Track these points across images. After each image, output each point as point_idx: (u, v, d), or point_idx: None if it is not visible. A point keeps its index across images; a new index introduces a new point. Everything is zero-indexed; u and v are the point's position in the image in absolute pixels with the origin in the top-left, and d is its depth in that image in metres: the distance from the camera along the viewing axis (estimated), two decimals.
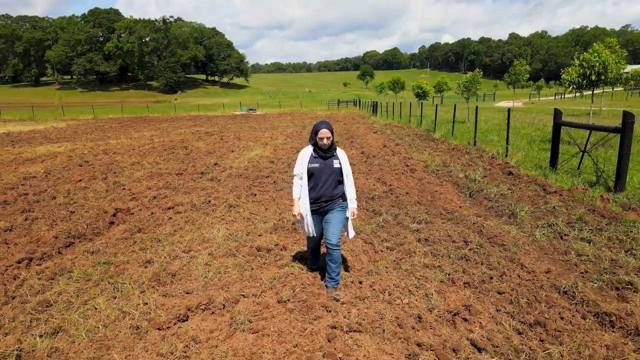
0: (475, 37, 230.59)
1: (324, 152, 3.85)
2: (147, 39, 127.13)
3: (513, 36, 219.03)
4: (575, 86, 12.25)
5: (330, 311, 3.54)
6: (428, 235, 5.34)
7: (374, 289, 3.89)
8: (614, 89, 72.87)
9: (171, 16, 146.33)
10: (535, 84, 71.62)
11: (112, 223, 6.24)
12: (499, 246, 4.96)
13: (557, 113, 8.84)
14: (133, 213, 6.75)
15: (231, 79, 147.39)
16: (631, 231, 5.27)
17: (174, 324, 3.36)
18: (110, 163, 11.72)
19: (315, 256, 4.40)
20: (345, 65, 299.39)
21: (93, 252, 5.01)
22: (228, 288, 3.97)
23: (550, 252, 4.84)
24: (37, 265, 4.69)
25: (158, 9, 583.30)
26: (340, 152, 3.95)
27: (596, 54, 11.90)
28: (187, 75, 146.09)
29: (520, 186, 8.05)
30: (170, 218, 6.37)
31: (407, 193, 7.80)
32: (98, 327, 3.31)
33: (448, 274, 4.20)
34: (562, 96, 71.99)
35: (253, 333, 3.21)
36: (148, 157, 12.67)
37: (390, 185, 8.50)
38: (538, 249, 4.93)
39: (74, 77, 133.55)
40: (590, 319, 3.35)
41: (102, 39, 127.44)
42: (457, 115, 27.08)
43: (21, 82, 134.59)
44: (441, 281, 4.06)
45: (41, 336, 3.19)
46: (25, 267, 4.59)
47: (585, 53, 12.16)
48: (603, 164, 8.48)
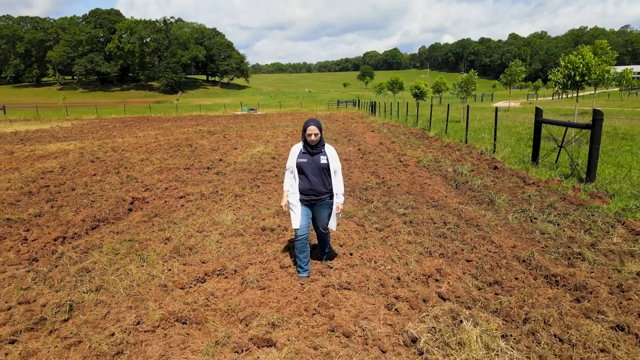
0: (476, 38, 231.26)
1: (312, 148, 4.05)
2: (148, 40, 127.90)
3: (513, 36, 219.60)
4: (560, 86, 12.94)
5: (324, 275, 4.23)
6: (413, 218, 6.03)
7: (362, 259, 4.57)
8: (609, 90, 73.54)
9: (172, 17, 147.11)
10: (532, 84, 72.24)
11: (131, 210, 6.93)
12: (474, 227, 5.65)
13: (538, 111, 9.52)
14: (148, 202, 7.44)
15: (231, 80, 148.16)
16: (593, 215, 5.95)
17: (194, 284, 4.05)
18: (120, 159, 12.41)
19: (302, 254, 4.13)
20: (345, 65, 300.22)
21: (118, 232, 5.70)
22: (238, 259, 4.65)
23: (518, 232, 5.53)
24: (70, 243, 5.37)
25: (158, 9, 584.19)
26: (328, 149, 4.14)
27: (580, 56, 12.58)
28: (188, 75, 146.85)
29: (502, 179, 8.74)
30: (182, 205, 7.06)
31: (398, 185, 8.49)
32: (132, 286, 4.00)
33: (426, 248, 4.88)
34: (560, 96, 72.65)
35: (260, 289, 3.90)
36: (156, 154, 13.36)
37: (383, 178, 9.18)
38: (508, 229, 5.62)
39: (75, 78, 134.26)
40: (540, 280, 4.03)
41: (103, 40, 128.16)
42: (454, 115, 27.75)
43: (22, 83, 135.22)
44: (420, 253, 4.74)
45: (86, 292, 3.88)
46: (60, 244, 5.28)
47: (570, 55, 12.85)
48: (578, 158, 9.15)
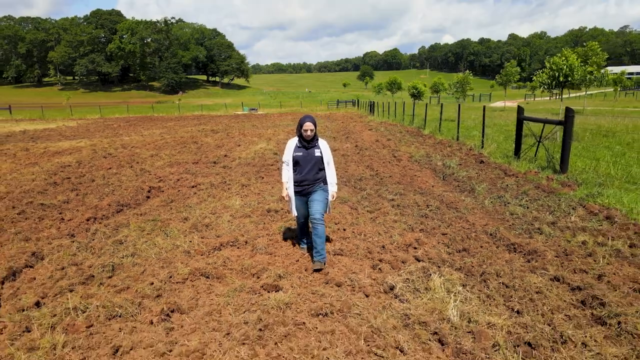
0: (476, 38, 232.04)
1: (307, 143, 4.41)
2: (149, 40, 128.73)
3: (512, 37, 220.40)
4: (545, 87, 13.74)
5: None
6: (400, 202, 6.82)
7: (354, 233, 5.37)
8: (605, 90, 74.25)
9: (172, 17, 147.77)
10: (530, 84, 73.05)
11: (149, 197, 7.73)
12: (453, 209, 6.44)
13: (520, 110, 10.32)
14: (163, 190, 8.24)
15: (232, 80, 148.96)
16: (559, 200, 6.75)
17: (212, 252, 4.84)
18: (131, 155, 13.20)
19: (303, 234, 4.89)
20: (345, 65, 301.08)
21: (141, 214, 6.49)
22: (247, 233, 5.44)
23: (491, 214, 6.32)
24: (100, 222, 6.16)
25: (158, 9, 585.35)
26: (322, 143, 4.51)
27: (564, 58, 13.37)
28: (188, 76, 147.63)
29: (486, 171, 9.53)
30: (195, 193, 7.86)
31: (390, 176, 9.28)
32: (161, 252, 4.79)
33: (409, 225, 5.67)
34: (557, 96, 73.46)
35: (268, 254, 4.69)
36: (164, 150, 14.15)
37: (376, 171, 9.98)
38: (483, 212, 6.41)
39: (76, 78, 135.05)
40: (501, 247, 4.83)
41: (104, 40, 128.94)
42: (450, 114, 28.52)
43: (24, 83, 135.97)
44: (403, 229, 5.53)
45: (123, 257, 4.67)
46: (92, 223, 6.08)
47: (554, 57, 13.65)
48: (554, 152, 9.93)
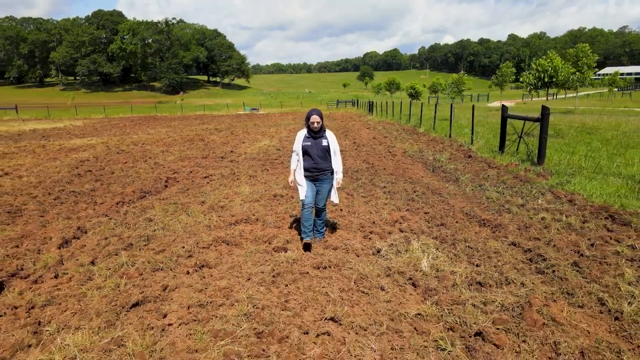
0: (477, 38, 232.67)
1: (315, 134, 4.80)
2: (150, 41, 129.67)
3: (512, 37, 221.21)
4: (532, 87, 14.61)
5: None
6: (391, 189, 7.71)
7: (349, 212, 6.25)
8: (600, 90, 75.07)
9: (173, 18, 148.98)
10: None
11: (166, 186, 8.61)
12: (437, 194, 7.33)
13: (504, 108, 11.20)
14: (178, 181, 9.12)
15: (232, 80, 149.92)
16: (532, 187, 7.63)
17: (229, 226, 5.72)
18: (143, 151, 14.08)
19: (307, 220, 4.85)
20: (345, 66, 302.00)
21: (162, 199, 7.37)
22: (258, 213, 6.32)
23: (470, 198, 7.21)
24: (128, 205, 7.05)
25: (159, 9, 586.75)
26: (329, 134, 4.90)
27: (549, 60, 14.24)
28: (189, 76, 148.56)
29: (472, 164, 10.41)
30: (208, 183, 8.74)
31: (384, 169, 10.17)
32: (186, 226, 5.68)
33: (397, 206, 6.56)
34: (555, 97, 74.35)
35: (277, 228, 5.58)
36: (173, 147, 15.04)
37: (372, 164, 10.86)
38: (463, 196, 7.30)
39: (78, 78, 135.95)
40: (473, 223, 5.71)
41: (106, 41, 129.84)
42: (446, 113, 29.36)
43: (26, 83, 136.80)
44: (392, 209, 6.41)
45: (154, 230, 5.55)
46: (121, 206, 6.96)
47: (540, 59, 14.53)
48: (534, 147, 10.81)
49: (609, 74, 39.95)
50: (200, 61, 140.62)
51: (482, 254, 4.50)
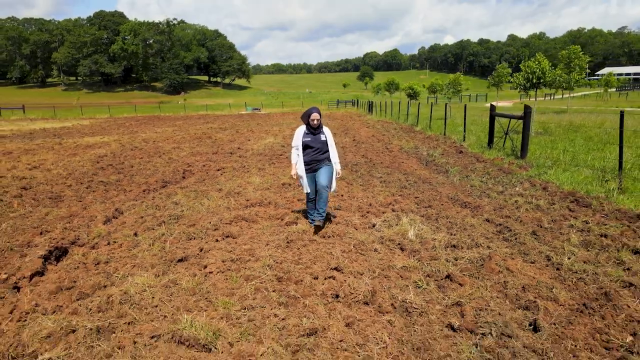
0: (478, 38, 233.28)
1: (314, 130, 5.24)
2: (151, 41, 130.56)
3: (511, 37, 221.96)
4: (521, 88, 15.53)
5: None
6: (386, 179, 8.63)
7: (349, 197, 7.17)
8: (595, 91, 75.86)
9: (174, 18, 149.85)
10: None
11: (184, 177, 9.53)
12: (427, 183, 8.25)
13: (492, 107, 12.12)
14: (194, 173, 10.04)
15: (233, 80, 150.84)
16: (512, 177, 8.54)
17: (246, 208, 6.63)
18: (156, 148, 15.00)
19: (312, 210, 5.50)
20: (345, 66, 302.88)
21: (183, 188, 8.29)
22: (270, 198, 7.23)
23: (457, 186, 8.12)
24: (153, 192, 7.96)
25: (159, 9, 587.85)
26: (326, 129, 5.36)
27: (537, 62, 15.16)
28: (190, 76, 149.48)
29: (462, 159, 11.33)
30: (221, 174, 9.66)
31: (381, 162, 11.08)
32: (209, 208, 6.59)
33: (391, 192, 7.47)
34: (552, 97, 75.24)
35: (287, 209, 6.49)
36: (184, 144, 15.96)
37: (370, 158, 11.77)
38: (451, 185, 8.21)
39: (79, 79, 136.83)
40: (456, 205, 6.62)
41: (107, 41, 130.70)
42: (442, 113, 30.27)
43: (27, 84, 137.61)
44: (386, 195, 7.33)
45: (182, 211, 6.46)
46: (148, 193, 7.87)
47: (529, 61, 15.44)
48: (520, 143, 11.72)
49: (603, 75, 40.81)
50: (201, 61, 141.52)
51: (460, 227, 5.41)
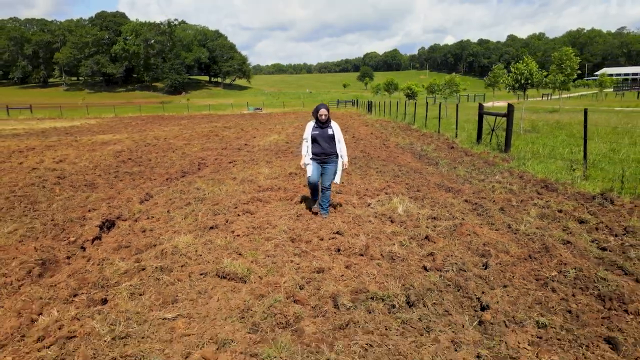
0: (479, 38, 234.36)
1: (322, 124, 5.79)
2: (153, 42, 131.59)
3: (511, 38, 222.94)
4: (510, 88, 16.53)
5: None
6: (382, 170, 9.66)
7: (348, 183, 8.20)
8: (590, 91, 76.77)
9: (175, 19, 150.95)
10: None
11: (199, 168, 10.55)
12: (418, 173, 9.27)
13: (481, 106, 13.14)
14: (208, 165, 11.06)
15: (233, 80, 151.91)
16: (494, 168, 9.57)
17: (259, 192, 7.64)
18: (168, 144, 16.01)
19: (314, 194, 6.27)
20: (345, 66, 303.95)
21: (201, 177, 9.31)
22: (279, 185, 8.25)
23: (444, 176, 9.14)
24: (175, 181, 8.98)
25: (159, 9, 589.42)
26: (334, 124, 5.92)
27: (525, 64, 16.19)
28: (191, 76, 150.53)
29: (453, 153, 12.36)
30: (233, 166, 10.68)
31: (378, 157, 12.10)
32: (227, 192, 7.61)
33: (386, 180, 8.50)
34: (549, 97, 76.29)
35: (294, 193, 7.51)
36: (194, 141, 16.98)
37: (368, 153, 12.79)
38: (439, 174, 9.24)
39: (81, 79, 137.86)
40: (441, 190, 7.64)
41: (109, 42, 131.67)
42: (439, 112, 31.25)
43: (29, 84, 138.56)
44: (381, 182, 8.34)
45: (204, 195, 7.48)
46: (170, 181, 8.89)
47: (517, 64, 16.47)
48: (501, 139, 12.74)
49: (597, 75, 41.81)
50: (202, 62, 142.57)
51: (441, 205, 6.44)
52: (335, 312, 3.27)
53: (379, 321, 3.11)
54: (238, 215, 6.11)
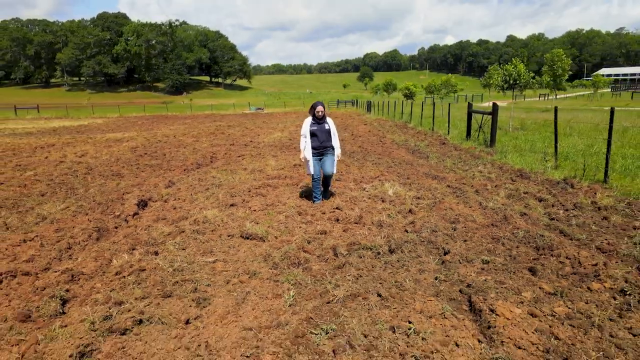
0: (479, 38, 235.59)
1: (319, 120, 6.40)
2: (154, 42, 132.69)
3: (510, 38, 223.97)
4: (500, 88, 17.55)
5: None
6: (377, 162, 10.72)
7: (346, 173, 9.26)
8: (585, 92, 77.91)
9: (176, 20, 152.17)
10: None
11: (212, 161, 11.61)
12: (409, 165, 10.34)
13: (469, 105, 14.20)
14: (219, 158, 12.12)
15: (234, 81, 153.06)
16: (479, 160, 10.62)
17: (268, 180, 8.70)
18: (178, 141, 17.07)
19: (317, 188, 6.67)
20: (345, 66, 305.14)
21: (214, 168, 10.37)
22: (285, 174, 9.31)
23: (433, 167, 10.20)
24: (191, 171, 10.03)
25: (159, 9, 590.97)
26: (329, 120, 6.51)
27: (513, 66, 17.21)
28: (192, 77, 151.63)
29: (443, 148, 13.42)
30: (242, 159, 11.75)
31: (374, 151, 13.17)
32: (240, 179, 8.67)
33: (380, 170, 9.56)
34: (546, 97, 77.38)
35: (300, 180, 8.57)
36: (202, 138, 18.04)
37: (365, 148, 13.86)
38: (428, 166, 10.30)
39: (82, 79, 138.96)
40: (428, 178, 8.70)
41: (111, 42, 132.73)
42: (437, 112, 32.25)
43: (31, 84, 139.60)
44: (375, 172, 9.40)
45: (220, 182, 8.53)
46: (187, 172, 9.95)
47: (507, 65, 17.49)
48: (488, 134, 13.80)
49: (592, 76, 42.86)
50: (202, 62, 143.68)
51: (426, 189, 7.50)
52: (334, 258, 4.34)
53: (367, 262, 4.17)
54: (252, 196, 7.17)
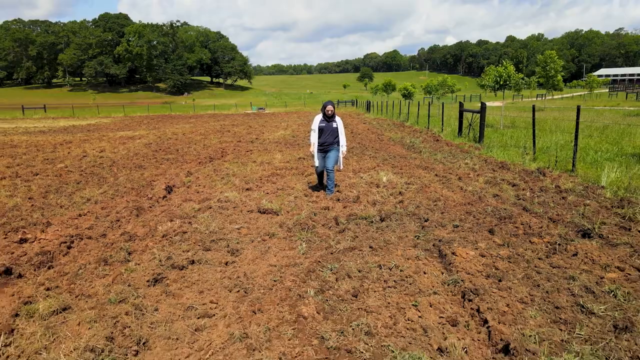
0: (477, 39, 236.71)
1: (328, 118, 7.05)
2: (155, 43, 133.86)
3: (510, 39, 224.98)
4: (491, 89, 18.66)
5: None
6: (374, 156, 11.78)
7: (346, 165, 10.31)
8: (580, 92, 78.60)
9: (178, 20, 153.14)
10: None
11: (222, 155, 12.66)
12: (403, 158, 11.39)
13: (461, 104, 15.25)
14: (229, 153, 13.17)
15: (235, 81, 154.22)
16: (466, 154, 11.67)
17: (276, 170, 9.75)
18: (187, 138, 18.11)
19: (320, 180, 8.00)
20: (345, 67, 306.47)
21: (226, 161, 11.42)
22: (291, 165, 10.35)
23: (425, 160, 11.25)
24: (206, 164, 11.08)
25: (161, 10, 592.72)
26: (338, 119, 7.15)
27: (503, 67, 18.30)
28: (193, 77, 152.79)
29: (436, 144, 14.47)
30: (251, 153, 12.80)
31: (372, 147, 14.22)
32: (251, 170, 9.72)
33: (376, 162, 10.60)
34: (544, 97, 78.44)
35: (304, 170, 9.62)
36: (209, 136, 19.09)
37: (364, 145, 14.92)
38: (420, 159, 11.35)
39: (84, 79, 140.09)
40: (419, 169, 9.75)
41: (112, 43, 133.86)
42: (433, 111, 33.24)
43: (33, 84, 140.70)
44: (372, 164, 10.45)
45: (234, 172, 9.58)
46: (202, 164, 11.00)
47: (498, 67, 18.60)
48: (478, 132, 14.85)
49: (586, 77, 43.85)
50: (203, 63, 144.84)
51: (416, 177, 8.55)
52: (336, 225, 5.39)
53: (362, 228, 5.23)
54: (264, 183, 8.22)
